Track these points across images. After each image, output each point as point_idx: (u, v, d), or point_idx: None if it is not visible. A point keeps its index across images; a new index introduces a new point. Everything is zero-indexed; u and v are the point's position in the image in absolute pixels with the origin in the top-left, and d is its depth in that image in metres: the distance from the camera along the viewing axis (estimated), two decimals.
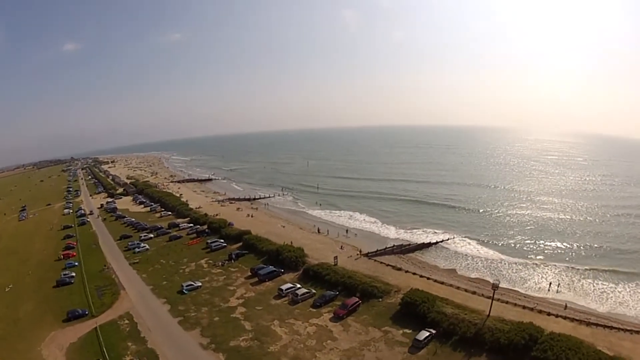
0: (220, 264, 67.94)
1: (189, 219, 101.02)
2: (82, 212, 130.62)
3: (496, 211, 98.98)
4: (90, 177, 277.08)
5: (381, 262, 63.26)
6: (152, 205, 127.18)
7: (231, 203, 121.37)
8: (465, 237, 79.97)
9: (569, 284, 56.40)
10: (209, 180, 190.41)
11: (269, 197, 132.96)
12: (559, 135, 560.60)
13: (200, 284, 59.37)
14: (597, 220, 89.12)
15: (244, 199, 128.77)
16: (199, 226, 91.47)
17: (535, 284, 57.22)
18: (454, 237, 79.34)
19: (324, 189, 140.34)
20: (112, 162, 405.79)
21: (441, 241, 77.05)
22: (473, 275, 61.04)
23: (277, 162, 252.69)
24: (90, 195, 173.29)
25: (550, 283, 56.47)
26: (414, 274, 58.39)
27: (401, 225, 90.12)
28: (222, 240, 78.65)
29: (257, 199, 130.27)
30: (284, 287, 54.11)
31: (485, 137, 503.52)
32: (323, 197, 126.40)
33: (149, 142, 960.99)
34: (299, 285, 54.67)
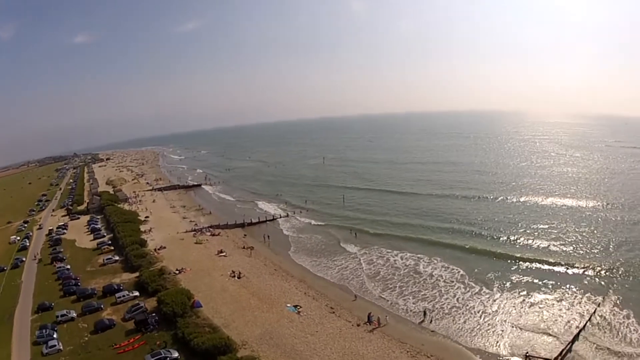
0: None
1: (137, 275, 60.03)
2: (26, 242, 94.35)
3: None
4: (72, 180, 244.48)
5: None
6: (103, 238, 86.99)
7: (213, 235, 79.55)
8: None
9: None
10: (198, 186, 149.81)
11: (274, 219, 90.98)
12: (582, 118, 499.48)
13: None
14: None
15: (235, 225, 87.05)
16: (141, 307, 49.93)
17: None
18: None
19: (351, 204, 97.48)
20: (107, 159, 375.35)
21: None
22: None
23: (286, 160, 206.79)
24: (53, 211, 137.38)
25: None
26: None
27: (503, 284, 49.31)
28: (175, 356, 37.50)
29: (255, 223, 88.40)
30: None
31: (506, 121, 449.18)
32: (354, 218, 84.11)
33: (157, 136, 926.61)
34: None
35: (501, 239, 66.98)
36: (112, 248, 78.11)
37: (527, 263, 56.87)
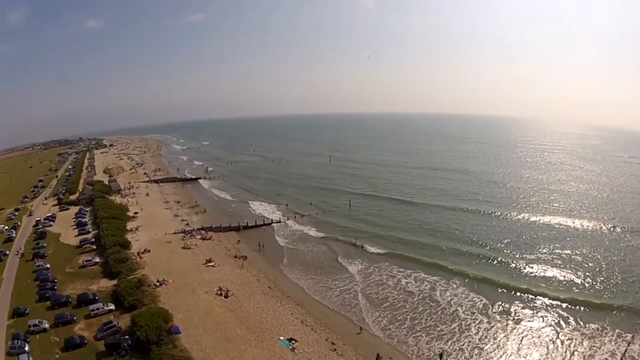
0: None
1: (115, 283, 53.56)
2: (13, 233, 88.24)
3: None
4: (72, 166, 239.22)
5: None
6: (87, 234, 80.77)
7: (204, 239, 72.80)
8: None
9: None
10: (196, 180, 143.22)
11: (272, 223, 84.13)
12: (594, 130, 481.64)
13: None
14: None
15: (229, 229, 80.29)
16: (114, 326, 43.53)
17: None
18: None
19: (357, 213, 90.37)
20: (110, 145, 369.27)
21: None
22: None
23: (290, 157, 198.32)
24: (45, 199, 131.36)
25: None
26: None
27: (528, 318, 41.04)
28: None
29: (251, 227, 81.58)
30: None
31: (517, 129, 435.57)
32: (360, 230, 76.98)
33: (164, 123, 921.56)
34: None
35: (525, 269, 58.78)
36: (95, 247, 71.91)
37: (553, 300, 49.49)
